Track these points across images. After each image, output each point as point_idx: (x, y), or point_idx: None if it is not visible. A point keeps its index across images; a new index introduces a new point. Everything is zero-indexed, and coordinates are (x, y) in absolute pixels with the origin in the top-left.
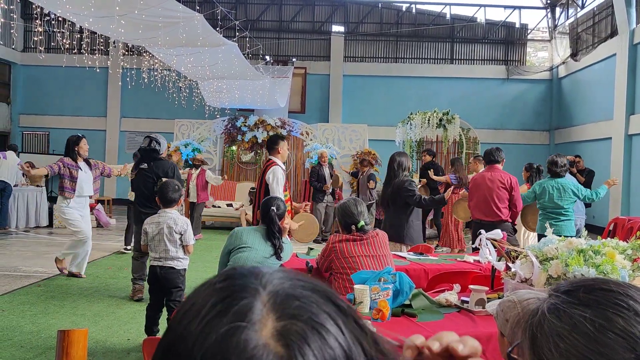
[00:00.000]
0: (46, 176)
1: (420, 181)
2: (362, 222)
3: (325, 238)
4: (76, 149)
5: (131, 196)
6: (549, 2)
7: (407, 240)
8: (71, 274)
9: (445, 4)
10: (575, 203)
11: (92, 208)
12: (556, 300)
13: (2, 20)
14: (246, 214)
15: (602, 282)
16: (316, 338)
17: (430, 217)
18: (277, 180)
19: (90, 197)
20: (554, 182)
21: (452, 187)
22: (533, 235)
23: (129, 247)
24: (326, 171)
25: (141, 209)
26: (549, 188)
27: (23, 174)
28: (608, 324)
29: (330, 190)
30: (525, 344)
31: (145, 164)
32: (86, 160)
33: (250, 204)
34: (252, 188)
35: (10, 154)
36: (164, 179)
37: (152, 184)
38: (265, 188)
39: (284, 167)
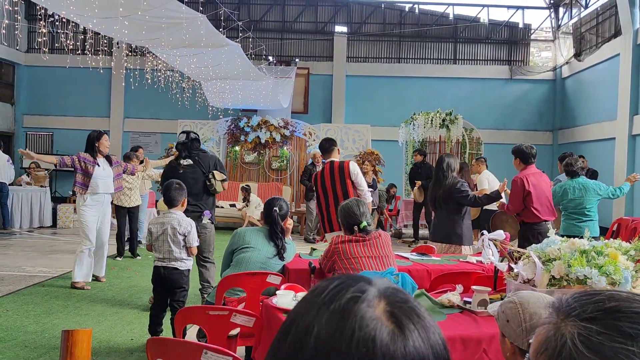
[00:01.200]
0: (55, 165)
1: (415, 183)
2: (364, 223)
3: (315, 237)
4: (97, 144)
5: (160, 205)
6: (552, 2)
7: (464, 242)
8: (94, 279)
9: (448, 4)
10: (598, 203)
11: None
12: (583, 331)
13: (6, 21)
14: (247, 215)
15: (625, 300)
16: (420, 323)
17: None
18: (360, 173)
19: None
20: (574, 182)
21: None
22: None
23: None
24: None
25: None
26: (570, 189)
27: (28, 174)
28: None
29: None
30: None
31: (189, 160)
32: (107, 157)
33: (243, 201)
34: (246, 185)
35: None
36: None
37: (203, 180)
38: (351, 187)
39: None
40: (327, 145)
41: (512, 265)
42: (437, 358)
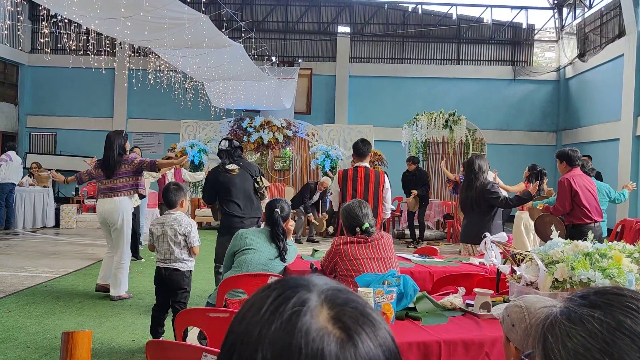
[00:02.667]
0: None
1: (411, 192)
2: (366, 224)
3: (311, 238)
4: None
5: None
6: (556, 2)
7: None
8: (119, 297)
9: (452, 5)
10: (608, 204)
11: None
12: (569, 304)
13: (9, 21)
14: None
15: (616, 288)
16: (367, 322)
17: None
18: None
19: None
20: None
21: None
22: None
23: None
24: (317, 197)
25: (238, 215)
26: None
27: (30, 174)
28: (616, 324)
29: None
30: (537, 348)
31: (235, 166)
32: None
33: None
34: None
35: (13, 154)
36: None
37: (252, 183)
38: (381, 199)
39: None
40: (365, 150)
41: (515, 267)
42: (387, 355)
